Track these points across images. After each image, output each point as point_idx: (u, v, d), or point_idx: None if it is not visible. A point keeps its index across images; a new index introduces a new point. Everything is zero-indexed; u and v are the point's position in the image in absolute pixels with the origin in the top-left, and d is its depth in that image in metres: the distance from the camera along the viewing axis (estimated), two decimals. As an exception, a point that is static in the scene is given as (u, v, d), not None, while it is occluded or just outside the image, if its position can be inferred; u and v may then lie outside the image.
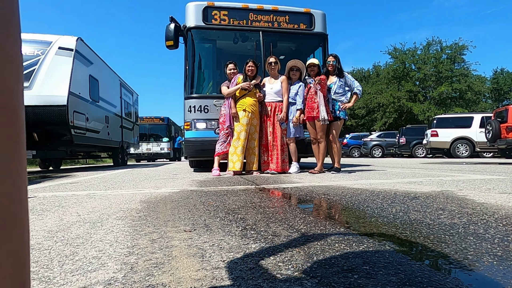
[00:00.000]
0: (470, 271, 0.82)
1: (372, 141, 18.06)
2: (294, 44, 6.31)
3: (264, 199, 2.17)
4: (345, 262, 0.90)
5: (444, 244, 1.05)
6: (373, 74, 33.43)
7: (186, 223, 1.46)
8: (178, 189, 2.91)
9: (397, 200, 2.00)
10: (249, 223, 1.43)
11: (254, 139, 4.84)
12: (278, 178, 3.98)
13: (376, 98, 28.53)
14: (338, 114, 4.75)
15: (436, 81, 27.27)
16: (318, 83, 4.60)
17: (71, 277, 0.85)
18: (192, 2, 5.30)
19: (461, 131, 12.68)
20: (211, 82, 6.38)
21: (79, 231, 1.36)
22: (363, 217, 1.52)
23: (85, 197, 2.48)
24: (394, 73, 29.00)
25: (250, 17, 5.41)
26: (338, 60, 4.86)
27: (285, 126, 4.85)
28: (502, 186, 2.66)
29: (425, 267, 0.85)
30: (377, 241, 1.09)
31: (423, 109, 26.22)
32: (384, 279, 0.78)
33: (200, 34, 5.47)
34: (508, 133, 8.08)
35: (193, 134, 5.22)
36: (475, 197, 2.04)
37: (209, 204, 1.98)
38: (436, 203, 1.86)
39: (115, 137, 10.55)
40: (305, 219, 1.48)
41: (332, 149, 5.00)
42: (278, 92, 4.84)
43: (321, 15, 5.69)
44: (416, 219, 1.43)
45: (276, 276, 0.81)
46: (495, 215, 1.49)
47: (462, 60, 27.37)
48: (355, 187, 2.74)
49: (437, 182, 3.08)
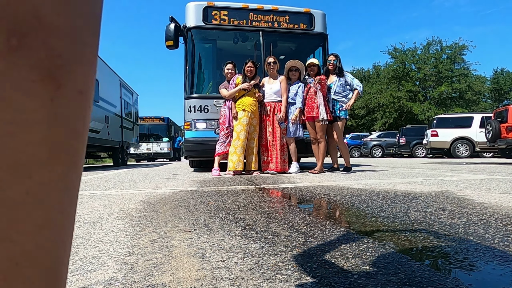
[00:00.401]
0: (470, 271, 0.82)
1: (372, 141, 18.06)
2: (294, 44, 6.31)
3: (264, 199, 2.17)
4: (345, 262, 0.90)
5: (444, 244, 1.05)
6: (373, 74, 33.43)
7: (186, 223, 1.46)
8: (178, 189, 2.91)
9: (397, 200, 2.00)
10: (249, 223, 1.43)
11: (253, 138, 4.84)
12: (278, 178, 3.98)
13: (376, 98, 28.54)
14: (339, 114, 4.74)
15: (436, 81, 27.28)
16: (318, 82, 4.60)
17: (71, 277, 0.85)
18: (192, 2, 5.30)
19: (461, 131, 12.67)
20: (211, 82, 6.38)
21: (79, 231, 1.36)
22: (363, 217, 1.52)
23: (85, 197, 2.48)
24: (394, 73, 29.00)
25: (250, 17, 5.41)
26: (339, 59, 4.85)
27: (284, 126, 4.85)
28: (502, 186, 2.66)
29: (425, 267, 0.85)
30: (377, 241, 1.09)
31: (423, 109, 26.22)
32: (384, 279, 0.78)
33: (200, 34, 5.48)
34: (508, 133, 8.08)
35: (193, 134, 5.22)
36: (475, 197, 2.04)
37: (209, 204, 1.98)
38: (436, 203, 1.86)
39: (115, 137, 10.55)
40: (305, 219, 1.48)
41: (332, 149, 5.00)
42: (277, 92, 4.84)
43: (321, 15, 5.70)
44: (416, 219, 1.43)
45: (276, 276, 0.81)
46: (495, 215, 1.49)
47: (462, 60, 27.39)
48: (355, 187, 2.74)
49: (437, 182, 3.08)
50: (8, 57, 0.14)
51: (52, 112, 0.16)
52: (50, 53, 0.15)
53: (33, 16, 0.14)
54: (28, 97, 0.15)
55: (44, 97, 0.15)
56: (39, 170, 0.17)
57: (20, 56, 0.14)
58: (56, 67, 0.16)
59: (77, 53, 0.17)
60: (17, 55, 0.14)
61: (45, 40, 0.15)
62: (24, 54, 0.15)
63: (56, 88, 0.16)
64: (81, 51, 0.17)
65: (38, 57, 0.15)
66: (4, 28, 0.14)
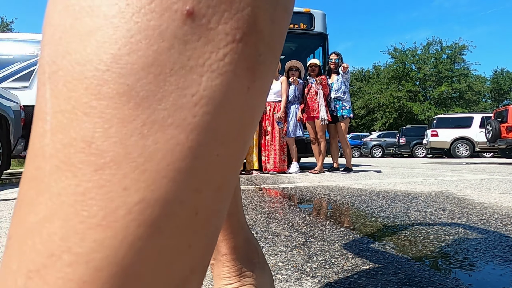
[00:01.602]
0: (470, 271, 0.82)
1: (372, 141, 18.07)
2: (294, 44, 6.31)
3: (264, 199, 2.17)
4: (345, 262, 0.90)
5: (444, 244, 1.05)
6: (373, 74, 33.44)
7: (186, 223, 1.46)
8: (178, 189, 2.91)
9: (397, 200, 2.00)
10: (249, 223, 1.43)
11: (254, 138, 4.84)
12: (278, 178, 3.98)
13: (376, 98, 28.55)
14: (342, 112, 4.70)
15: (436, 81, 27.30)
16: (320, 83, 4.59)
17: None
18: (192, 2, 5.30)
19: (461, 131, 12.67)
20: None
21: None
22: (363, 217, 1.52)
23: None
24: (394, 73, 29.02)
25: None
26: (341, 58, 4.83)
27: (281, 126, 4.84)
28: (502, 186, 2.66)
29: (425, 267, 0.85)
30: (377, 241, 1.10)
31: (423, 109, 26.24)
32: (384, 279, 0.78)
33: (200, 34, 5.47)
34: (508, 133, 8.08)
35: None
36: (475, 197, 2.04)
37: (209, 204, 1.98)
38: (436, 203, 1.86)
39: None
40: (305, 219, 1.48)
41: (333, 150, 5.00)
42: (278, 92, 4.84)
43: (321, 15, 5.70)
44: (416, 219, 1.43)
45: (276, 276, 0.81)
46: (495, 215, 1.49)
47: (462, 60, 27.41)
48: (355, 187, 2.74)
49: (437, 182, 3.08)
50: (233, 44, 0.18)
51: (248, 98, 0.20)
52: (257, 52, 0.20)
53: (254, 22, 0.19)
54: (237, 80, 0.19)
55: (245, 84, 0.19)
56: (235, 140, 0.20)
57: (240, 47, 0.19)
58: (257, 63, 0.20)
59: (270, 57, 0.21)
60: (238, 46, 0.19)
61: (256, 42, 0.20)
62: (242, 46, 0.19)
63: (252, 81, 0.20)
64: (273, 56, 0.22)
65: (249, 52, 0.19)
66: (236, 23, 0.18)
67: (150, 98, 0.17)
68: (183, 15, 0.17)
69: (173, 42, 0.17)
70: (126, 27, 0.17)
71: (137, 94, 0.17)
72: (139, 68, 0.17)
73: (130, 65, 0.17)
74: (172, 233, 0.18)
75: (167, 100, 0.17)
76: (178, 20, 0.17)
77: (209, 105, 0.18)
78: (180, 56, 0.17)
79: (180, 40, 0.17)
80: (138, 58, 0.17)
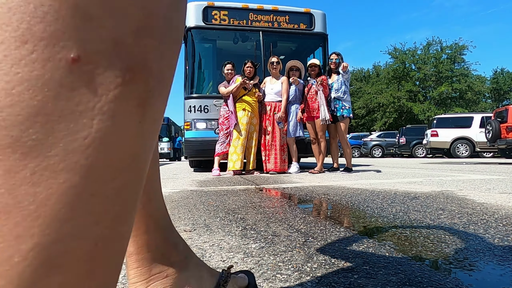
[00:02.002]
0: (470, 271, 0.82)
1: (372, 141, 18.06)
2: (294, 44, 6.31)
3: (264, 199, 2.18)
4: (345, 262, 0.90)
5: (444, 244, 1.05)
6: (373, 74, 33.43)
7: (186, 223, 1.46)
8: (178, 189, 2.91)
9: (397, 200, 2.00)
10: (249, 223, 1.43)
11: (253, 138, 4.84)
12: (278, 178, 3.98)
13: (376, 98, 28.54)
14: (342, 112, 4.70)
15: (436, 81, 27.28)
16: (320, 83, 4.59)
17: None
18: (192, 2, 5.31)
19: (461, 131, 12.67)
20: (211, 82, 6.38)
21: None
22: (363, 217, 1.52)
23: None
24: (394, 73, 29.01)
25: (250, 17, 5.41)
26: (341, 57, 4.82)
27: (282, 126, 4.84)
28: (502, 186, 2.66)
29: (425, 267, 0.85)
30: (377, 241, 1.10)
31: (423, 109, 26.23)
32: (384, 279, 0.78)
33: (200, 34, 5.48)
34: (508, 133, 8.08)
35: (193, 134, 5.22)
36: (475, 197, 2.04)
37: (209, 204, 1.98)
38: (436, 203, 1.86)
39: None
40: (305, 219, 1.48)
41: (333, 150, 5.00)
42: (278, 92, 4.84)
43: (321, 15, 5.70)
44: (416, 219, 1.43)
45: (276, 276, 0.81)
46: (495, 215, 1.49)
47: (462, 60, 27.39)
48: (355, 187, 2.74)
49: (437, 182, 3.08)
50: (122, 86, 0.19)
51: (139, 131, 0.21)
52: (146, 88, 0.21)
53: (143, 60, 0.20)
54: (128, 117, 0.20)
55: (136, 119, 0.21)
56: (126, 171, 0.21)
57: (129, 87, 0.20)
58: (147, 98, 0.21)
59: (160, 88, 0.23)
60: (128, 87, 0.20)
61: (145, 79, 0.21)
62: (132, 86, 0.20)
63: (143, 115, 0.21)
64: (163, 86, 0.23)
65: (139, 89, 0.20)
66: (125, 64, 0.19)
67: (38, 147, 0.17)
68: (68, 63, 0.17)
69: (59, 90, 0.17)
70: (6, 79, 0.16)
71: (24, 144, 0.17)
72: (23, 119, 0.16)
73: (13, 116, 0.16)
74: (72, 267, 0.18)
75: (57, 146, 0.17)
76: (63, 68, 0.17)
77: (102, 145, 0.19)
78: (68, 102, 0.17)
79: (66, 87, 0.17)
80: (22, 109, 0.16)
